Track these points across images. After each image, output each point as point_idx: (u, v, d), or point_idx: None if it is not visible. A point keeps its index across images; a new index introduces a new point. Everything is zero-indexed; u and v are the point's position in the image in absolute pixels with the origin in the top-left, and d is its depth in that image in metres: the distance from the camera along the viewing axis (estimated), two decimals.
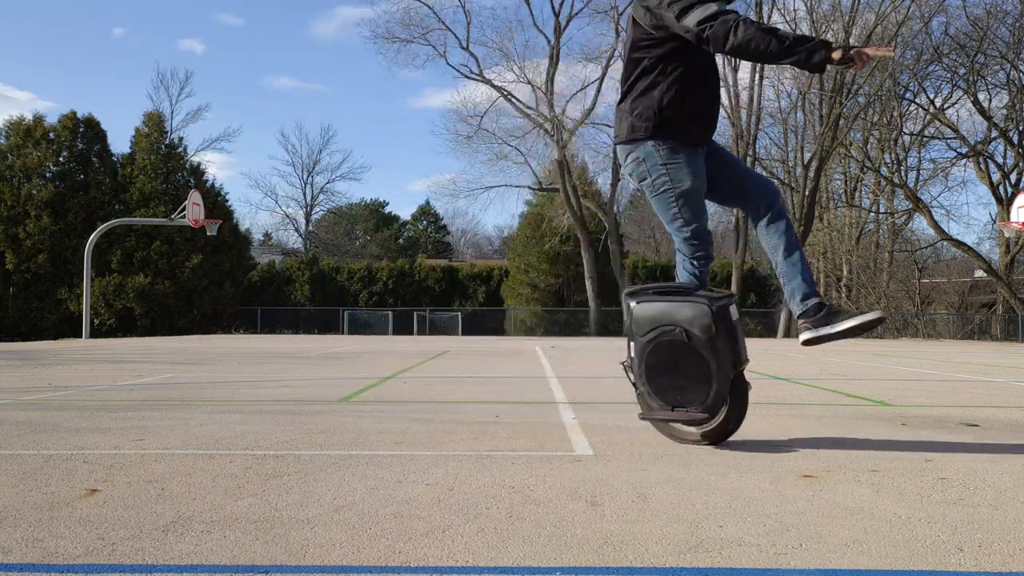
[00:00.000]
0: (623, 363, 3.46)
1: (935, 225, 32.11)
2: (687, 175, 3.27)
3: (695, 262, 3.40)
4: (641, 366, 3.28)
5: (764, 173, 34.21)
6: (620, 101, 3.42)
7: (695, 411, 3.19)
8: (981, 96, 31.64)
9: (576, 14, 34.86)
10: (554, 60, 33.30)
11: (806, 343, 3.27)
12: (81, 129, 34.12)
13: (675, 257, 3.53)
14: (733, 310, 3.20)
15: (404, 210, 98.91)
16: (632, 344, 3.32)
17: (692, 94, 3.27)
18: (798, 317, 3.30)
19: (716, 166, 3.41)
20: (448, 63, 34.63)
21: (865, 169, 35.12)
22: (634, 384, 3.37)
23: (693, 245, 3.37)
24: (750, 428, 4.11)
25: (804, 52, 2.95)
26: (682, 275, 3.45)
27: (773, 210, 3.35)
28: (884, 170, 33.62)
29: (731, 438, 3.75)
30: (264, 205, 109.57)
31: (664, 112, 3.24)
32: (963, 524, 2.20)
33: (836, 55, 2.93)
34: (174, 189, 33.94)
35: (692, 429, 3.43)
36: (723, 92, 30.71)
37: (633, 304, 3.32)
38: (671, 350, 3.18)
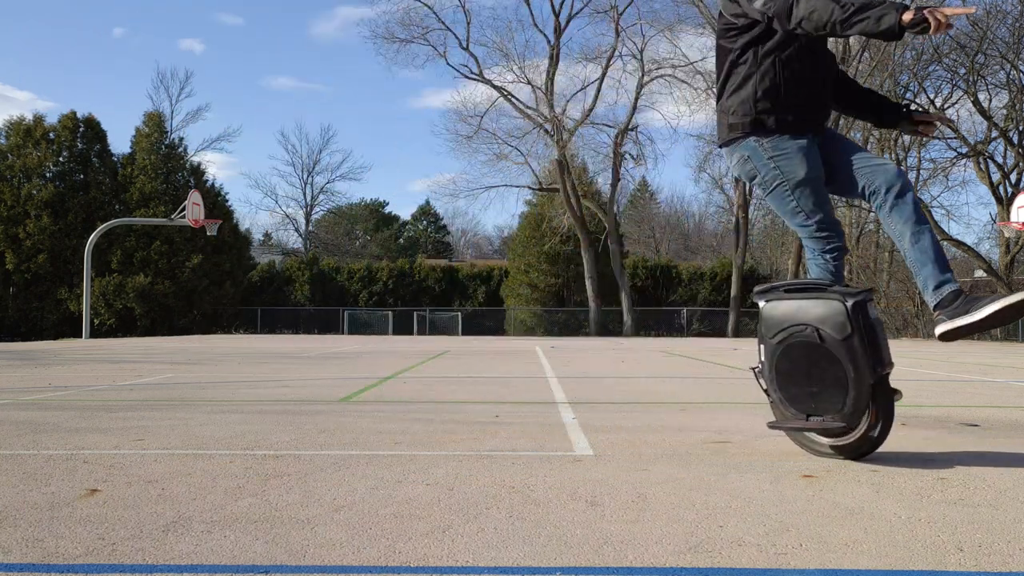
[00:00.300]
0: (753, 368, 3.21)
1: (935, 225, 32.11)
2: (799, 164, 3.05)
3: (827, 256, 3.12)
4: (771, 370, 3.05)
5: None
6: (717, 99, 3.25)
7: (831, 420, 2.90)
8: (981, 96, 31.63)
9: (576, 14, 34.86)
10: (554, 60, 33.30)
11: (943, 337, 2.90)
12: (81, 129, 34.13)
13: (805, 254, 3.26)
14: (871, 307, 2.89)
15: (404, 210, 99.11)
16: (762, 347, 3.10)
17: (790, 79, 3.04)
18: (933, 308, 2.93)
19: (832, 154, 3.14)
20: (448, 63, 34.67)
21: None
22: (766, 391, 3.13)
23: (821, 238, 3.11)
24: (750, 428, 4.11)
25: (871, 18, 2.68)
26: (814, 272, 3.17)
27: (893, 193, 2.97)
28: None
29: (732, 438, 3.75)
30: (264, 205, 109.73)
31: (760, 104, 3.06)
32: (963, 524, 2.20)
33: (907, 17, 2.62)
34: (174, 189, 33.93)
35: (828, 440, 3.12)
36: None
37: (762, 304, 3.10)
38: (803, 352, 2.93)
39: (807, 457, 3.22)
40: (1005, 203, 31.05)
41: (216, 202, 34.26)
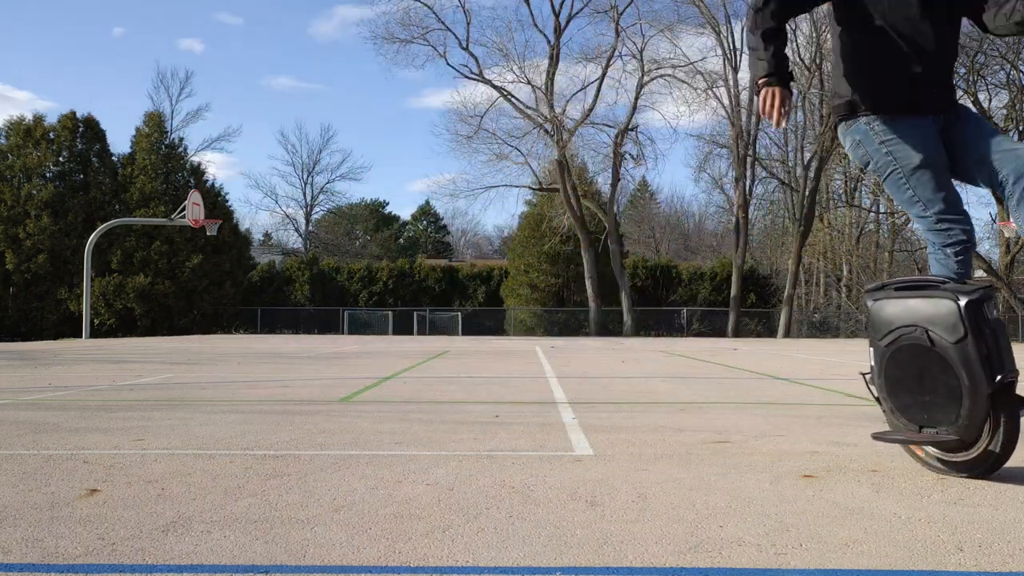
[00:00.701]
0: (864, 374, 2.98)
1: None
2: (912, 150, 2.74)
3: (948, 251, 2.77)
4: (881, 376, 2.81)
5: (764, 173, 34.26)
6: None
7: (944, 433, 2.63)
8: (981, 96, 31.61)
9: (576, 14, 34.72)
10: (554, 60, 33.29)
11: None
12: (80, 129, 34.11)
13: (928, 248, 2.92)
14: (989, 306, 2.57)
15: (404, 210, 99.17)
16: (872, 351, 2.86)
17: (891, 53, 2.74)
18: None
19: (958, 136, 2.80)
20: (448, 63, 34.60)
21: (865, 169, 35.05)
22: (877, 399, 2.90)
23: (941, 231, 2.77)
24: (750, 428, 4.11)
25: (751, 60, 2.79)
26: (934, 269, 2.84)
27: (1023, 184, 2.67)
28: None
29: (732, 438, 3.75)
30: (264, 205, 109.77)
31: (858, 82, 2.79)
32: (963, 524, 2.20)
33: (759, 82, 2.73)
34: (174, 189, 33.93)
35: (943, 455, 2.82)
36: (725, 91, 29.73)
37: (870, 303, 2.85)
38: (912, 356, 2.67)
39: (807, 457, 3.22)
40: (1005, 203, 31.03)
41: (216, 202, 34.25)
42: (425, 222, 68.83)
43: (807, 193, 30.44)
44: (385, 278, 38.53)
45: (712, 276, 36.92)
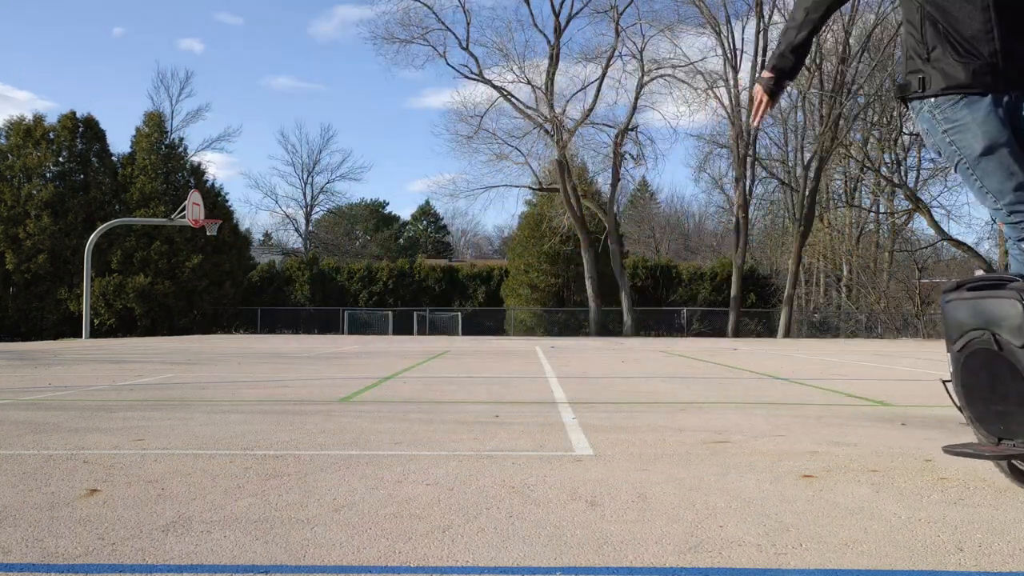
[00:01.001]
0: (944, 381, 2.78)
1: (935, 225, 32.11)
2: (974, 137, 2.47)
3: (1022, 245, 2.52)
4: (957, 384, 2.62)
5: (764, 173, 34.26)
6: None
7: (1022, 445, 2.41)
8: None
9: (576, 14, 34.62)
10: (554, 60, 33.27)
11: None
12: (80, 129, 34.10)
13: (1006, 244, 2.70)
14: None
15: (404, 210, 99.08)
16: (949, 357, 2.66)
17: (947, 24, 2.50)
18: None
19: None
20: (448, 63, 34.52)
21: (865, 169, 35.12)
22: (959, 408, 2.68)
23: (1014, 224, 2.50)
24: (750, 428, 4.11)
25: (776, 47, 2.81)
26: (1013, 267, 2.58)
27: None
28: (884, 170, 33.62)
29: (732, 438, 3.75)
30: (264, 205, 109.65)
31: (915, 60, 2.57)
32: (963, 524, 2.20)
33: (764, 74, 2.75)
34: (174, 189, 33.93)
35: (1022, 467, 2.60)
36: (725, 91, 29.64)
37: (944, 305, 2.65)
38: (982, 362, 2.48)
39: (807, 457, 3.22)
40: None
41: (216, 202, 34.25)
42: (425, 222, 68.82)
43: (807, 193, 30.44)
44: (385, 278, 38.53)
45: (712, 276, 36.93)
